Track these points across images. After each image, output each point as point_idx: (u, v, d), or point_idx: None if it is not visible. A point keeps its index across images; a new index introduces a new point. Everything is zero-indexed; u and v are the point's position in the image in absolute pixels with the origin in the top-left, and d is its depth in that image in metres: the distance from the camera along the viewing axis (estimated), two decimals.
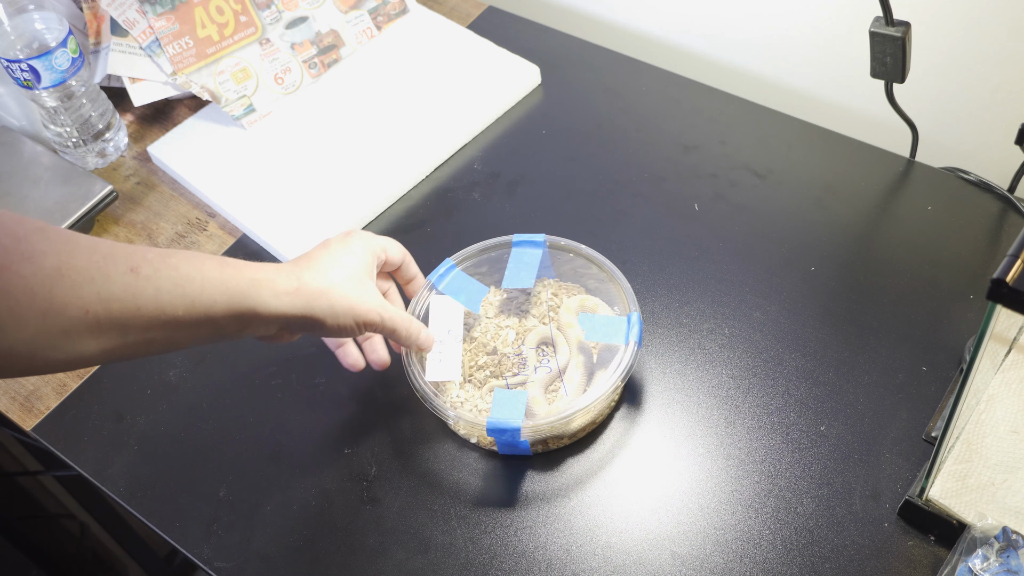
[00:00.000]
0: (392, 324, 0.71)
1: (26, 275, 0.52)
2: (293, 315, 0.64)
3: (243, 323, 0.63)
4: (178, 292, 0.59)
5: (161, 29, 0.99)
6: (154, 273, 0.58)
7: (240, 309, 0.62)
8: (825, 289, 0.85)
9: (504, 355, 0.79)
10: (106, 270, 0.56)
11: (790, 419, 0.77)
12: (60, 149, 1.01)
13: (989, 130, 0.97)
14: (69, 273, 0.54)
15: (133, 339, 0.58)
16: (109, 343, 0.56)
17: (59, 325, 0.54)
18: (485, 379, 0.78)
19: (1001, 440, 0.71)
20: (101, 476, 0.79)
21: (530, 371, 0.78)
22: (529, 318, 0.82)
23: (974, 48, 0.93)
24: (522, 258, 0.81)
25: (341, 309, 0.67)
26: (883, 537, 0.70)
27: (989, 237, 0.87)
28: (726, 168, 0.96)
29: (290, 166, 0.99)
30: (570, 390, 0.76)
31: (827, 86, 1.06)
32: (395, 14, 1.12)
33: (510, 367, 0.79)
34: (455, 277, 0.81)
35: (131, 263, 0.57)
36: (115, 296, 0.56)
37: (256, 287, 0.63)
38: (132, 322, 0.57)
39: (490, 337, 0.81)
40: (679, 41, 1.15)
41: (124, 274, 0.57)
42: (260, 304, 0.63)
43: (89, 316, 0.55)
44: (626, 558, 0.70)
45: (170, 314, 0.58)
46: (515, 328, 0.81)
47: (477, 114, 1.02)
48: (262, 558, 0.73)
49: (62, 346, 0.54)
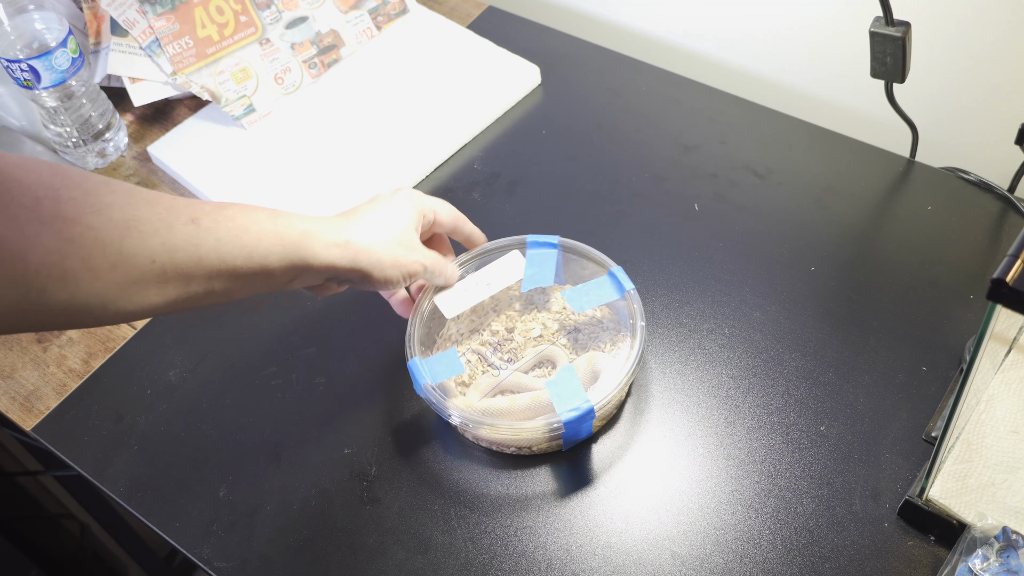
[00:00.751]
0: (434, 270, 0.74)
1: (96, 227, 0.54)
2: (342, 267, 0.67)
3: (295, 273, 0.65)
4: (237, 243, 0.61)
5: (161, 29, 0.99)
6: (213, 224, 0.60)
7: (293, 260, 0.64)
8: (825, 289, 0.85)
9: (508, 340, 0.80)
10: (169, 221, 0.58)
11: (790, 419, 0.77)
12: (60, 149, 1.01)
13: (989, 130, 0.97)
14: (136, 224, 0.56)
15: (195, 289, 0.60)
16: (174, 293, 0.58)
17: (128, 276, 0.56)
18: (467, 341, 0.79)
19: (1001, 440, 0.71)
20: (101, 476, 0.79)
21: (522, 365, 0.78)
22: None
23: (974, 48, 0.93)
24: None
25: (388, 262, 0.69)
26: (883, 537, 0.70)
27: (989, 237, 0.87)
28: (726, 168, 0.96)
29: (290, 166, 0.99)
30: None
31: (827, 86, 1.06)
32: (395, 14, 1.12)
33: (505, 353, 0.79)
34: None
35: (191, 214, 0.59)
36: (179, 247, 0.58)
37: (308, 239, 0.65)
38: (195, 272, 0.59)
39: (513, 323, 0.82)
40: (679, 41, 1.15)
41: (186, 224, 0.59)
42: (311, 255, 0.65)
43: (156, 266, 0.57)
44: (626, 558, 0.70)
45: (230, 264, 0.61)
46: (538, 323, 0.82)
47: (477, 114, 1.02)
48: (262, 558, 0.73)
49: (131, 296, 0.56)
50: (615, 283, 0.78)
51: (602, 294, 0.78)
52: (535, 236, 0.81)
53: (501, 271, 0.80)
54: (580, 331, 0.81)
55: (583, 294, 0.78)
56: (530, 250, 0.81)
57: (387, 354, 0.83)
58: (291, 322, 0.87)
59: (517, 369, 0.78)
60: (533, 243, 0.81)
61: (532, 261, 0.80)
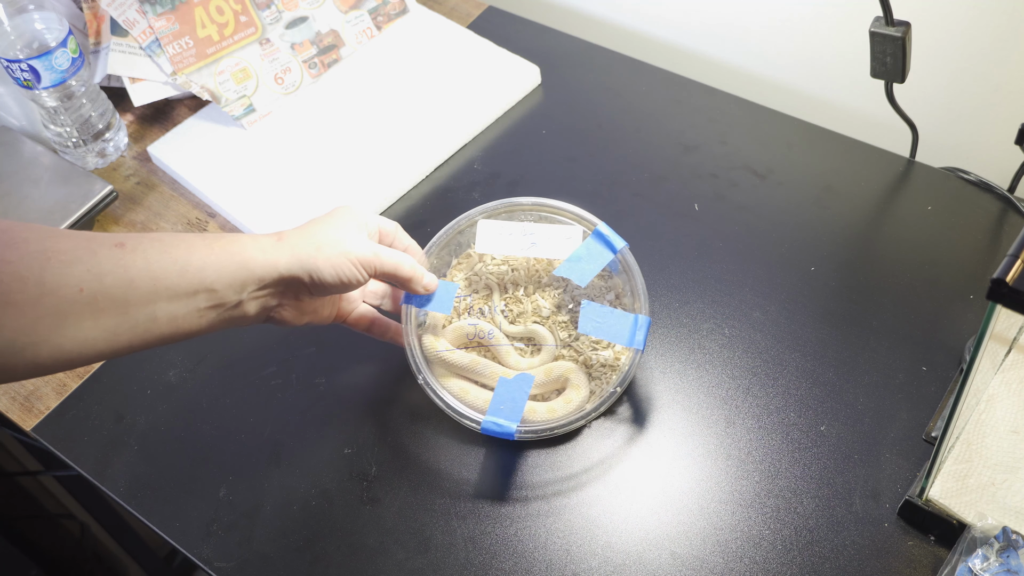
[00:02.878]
0: (393, 260, 0.70)
1: (12, 260, 0.53)
2: (284, 267, 0.64)
3: (239, 285, 0.62)
4: (167, 258, 0.59)
5: (161, 29, 0.99)
6: (139, 245, 0.58)
7: (231, 268, 0.61)
8: (825, 289, 0.85)
9: (519, 303, 0.80)
10: (92, 248, 0.56)
11: (790, 419, 0.77)
12: (60, 149, 1.01)
13: (989, 130, 0.97)
14: (56, 255, 0.54)
15: (136, 316, 0.58)
16: (112, 323, 0.56)
17: (57, 308, 0.54)
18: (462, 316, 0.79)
19: (1001, 440, 0.71)
20: (101, 476, 0.79)
21: (511, 331, 0.78)
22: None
23: (974, 48, 0.93)
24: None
25: (332, 252, 0.65)
26: (883, 537, 0.70)
27: (989, 237, 0.87)
28: (726, 168, 0.96)
29: (290, 166, 0.99)
30: None
31: (827, 86, 1.06)
32: (395, 14, 1.12)
33: (488, 332, 0.79)
34: None
35: (116, 240, 0.58)
36: (106, 270, 0.56)
37: (238, 242, 0.63)
38: (130, 296, 0.57)
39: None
40: (679, 41, 1.15)
41: (110, 249, 0.57)
42: (249, 259, 0.62)
43: (85, 295, 0.55)
44: (626, 558, 0.70)
45: (164, 282, 0.58)
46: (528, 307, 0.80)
47: (477, 114, 1.02)
48: (262, 558, 0.73)
49: (65, 331, 0.54)
50: (633, 330, 0.75)
51: (617, 332, 0.74)
52: (607, 228, 0.77)
53: (553, 239, 0.76)
54: None
55: (600, 317, 0.74)
56: (591, 239, 0.77)
57: (387, 354, 0.83)
58: None
59: (502, 338, 0.78)
60: (598, 233, 0.77)
61: (586, 248, 0.76)
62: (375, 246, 0.69)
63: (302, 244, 0.65)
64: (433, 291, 0.74)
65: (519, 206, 0.79)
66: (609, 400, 0.74)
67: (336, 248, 0.66)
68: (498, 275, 0.81)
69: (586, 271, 0.75)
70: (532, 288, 0.81)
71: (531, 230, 0.77)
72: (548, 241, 0.77)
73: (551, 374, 0.76)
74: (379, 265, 0.69)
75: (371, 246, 0.68)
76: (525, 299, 0.80)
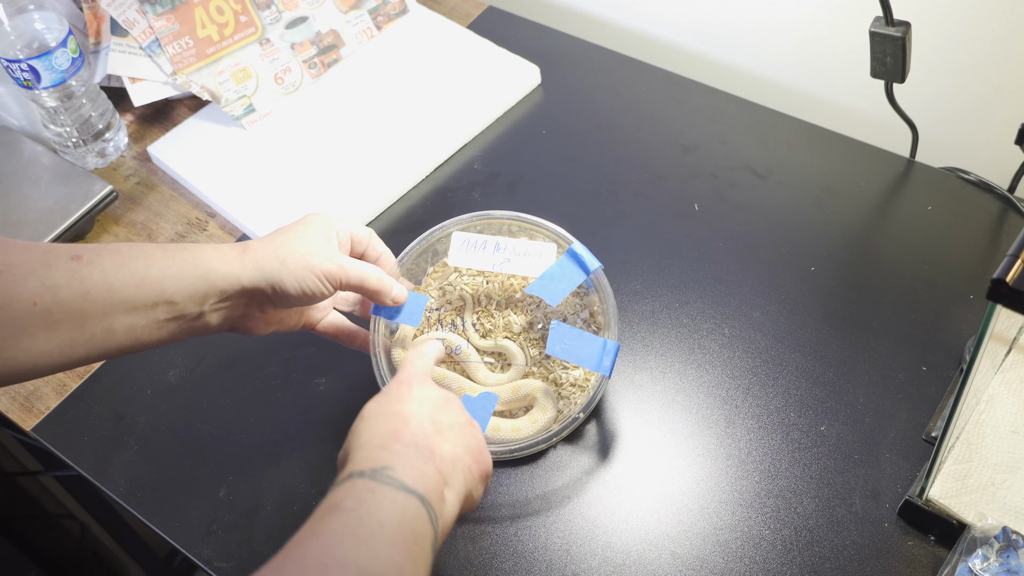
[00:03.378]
0: (359, 272, 0.67)
1: None
2: (247, 278, 0.63)
3: (200, 298, 0.61)
4: (124, 271, 0.58)
5: (161, 29, 0.99)
6: (97, 257, 0.57)
7: (191, 280, 0.60)
8: (825, 289, 0.85)
9: (491, 318, 0.79)
10: (47, 261, 0.56)
11: (790, 419, 0.77)
12: (60, 149, 1.01)
13: (989, 130, 0.97)
14: (8, 269, 0.54)
15: (92, 329, 0.57)
16: (67, 335, 0.56)
17: (9, 320, 0.53)
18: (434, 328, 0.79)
19: (1001, 440, 0.71)
20: (101, 476, 0.79)
21: (482, 345, 0.78)
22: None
23: (974, 48, 0.93)
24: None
25: (296, 266, 0.64)
26: (883, 537, 0.70)
27: (989, 237, 0.87)
28: (726, 168, 0.96)
29: (290, 166, 0.99)
30: None
31: (827, 86, 1.06)
32: (395, 14, 1.12)
33: (480, 330, 0.79)
34: None
35: (73, 252, 0.57)
36: (61, 283, 0.55)
37: (201, 254, 0.62)
38: (85, 308, 0.56)
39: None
40: (679, 41, 1.15)
41: (66, 262, 0.56)
42: (211, 270, 0.61)
43: (39, 308, 0.54)
44: (626, 558, 0.70)
45: (121, 294, 0.57)
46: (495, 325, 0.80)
47: (477, 114, 1.02)
48: (262, 558, 0.73)
49: (19, 344, 0.54)
50: (576, 262, 0.74)
51: (585, 357, 0.72)
52: (581, 247, 0.75)
53: (527, 255, 0.75)
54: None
55: (568, 338, 0.72)
56: (564, 257, 0.75)
57: None
58: None
59: (472, 353, 0.77)
60: (572, 252, 0.75)
61: (559, 267, 0.75)
62: (341, 258, 0.67)
63: (266, 256, 0.64)
64: (402, 303, 0.73)
65: (494, 218, 0.78)
66: (572, 425, 0.73)
67: (301, 261, 0.64)
68: (472, 287, 0.80)
69: (558, 291, 0.74)
70: (505, 302, 0.80)
71: (505, 245, 0.76)
72: (522, 257, 0.75)
73: (519, 392, 0.75)
74: (344, 278, 0.67)
75: (337, 258, 0.67)
76: (497, 314, 0.79)
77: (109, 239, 0.96)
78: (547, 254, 0.75)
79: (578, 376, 0.77)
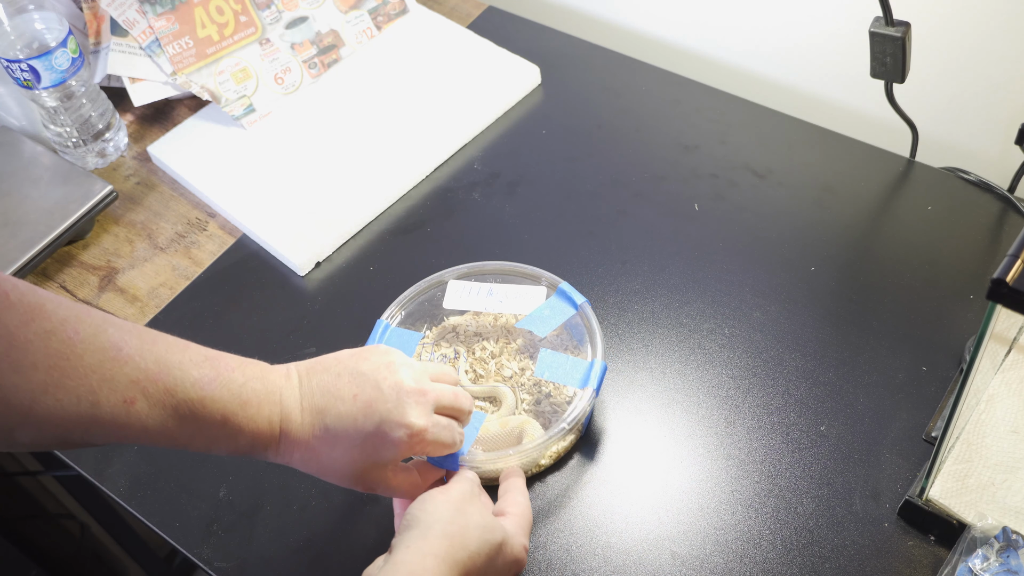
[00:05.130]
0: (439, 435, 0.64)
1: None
2: None
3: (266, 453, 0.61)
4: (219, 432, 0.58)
5: (161, 29, 0.99)
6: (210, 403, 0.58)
7: (260, 447, 0.61)
8: (825, 289, 0.85)
9: (485, 362, 0.80)
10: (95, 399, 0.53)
11: (790, 419, 0.77)
12: (60, 149, 1.01)
13: (989, 130, 0.97)
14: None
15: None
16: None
17: None
18: None
19: (1001, 440, 0.71)
20: (101, 476, 0.79)
21: (473, 391, 0.78)
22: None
23: (974, 48, 0.93)
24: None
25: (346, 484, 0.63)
26: (883, 537, 0.70)
27: (989, 237, 0.87)
28: (726, 168, 0.96)
29: (290, 166, 0.99)
30: None
31: (827, 86, 1.06)
32: (395, 14, 1.12)
33: (472, 372, 0.80)
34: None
35: (126, 395, 0.54)
36: None
37: (265, 448, 0.61)
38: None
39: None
40: (679, 41, 1.15)
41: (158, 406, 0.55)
42: (266, 456, 0.61)
43: None
44: (626, 558, 0.70)
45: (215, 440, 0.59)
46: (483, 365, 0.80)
47: (477, 114, 1.02)
48: (262, 558, 0.73)
49: None
50: (566, 300, 0.78)
51: (571, 377, 0.74)
52: (568, 286, 0.79)
53: (518, 298, 0.80)
54: (548, 398, 0.78)
55: (556, 364, 0.75)
56: (554, 296, 0.80)
57: None
58: (291, 322, 0.87)
59: (466, 389, 0.77)
60: (560, 291, 0.79)
61: (548, 306, 0.79)
62: (394, 485, 0.65)
63: (316, 469, 0.62)
64: None
65: (486, 269, 0.82)
66: (558, 435, 0.71)
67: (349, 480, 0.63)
68: (466, 336, 0.81)
69: (547, 324, 0.78)
70: (501, 342, 0.81)
71: (498, 290, 0.80)
72: (514, 299, 0.80)
73: (507, 426, 0.74)
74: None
75: (387, 485, 0.65)
76: (490, 360, 0.80)
77: (109, 239, 0.96)
78: (537, 295, 0.80)
79: (561, 401, 0.77)
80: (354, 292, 0.87)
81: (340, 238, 0.93)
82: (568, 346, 0.81)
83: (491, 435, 0.74)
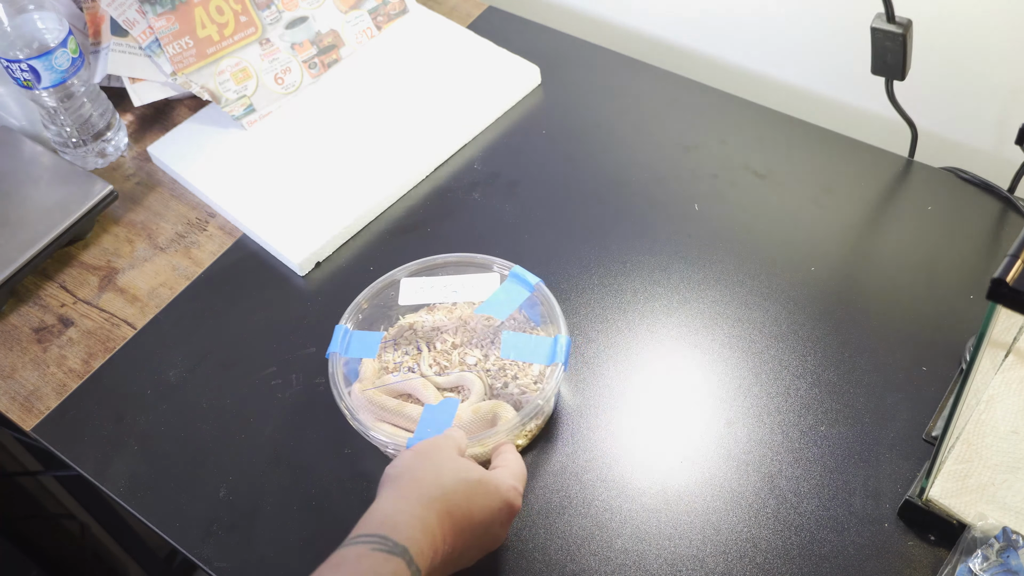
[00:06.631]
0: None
1: None
2: None
3: None
4: None
5: (161, 29, 0.99)
6: None
7: None
8: (825, 289, 0.85)
9: (448, 354, 0.80)
10: None
11: (790, 419, 0.77)
12: (60, 149, 1.01)
13: (989, 130, 0.97)
14: None
15: None
16: None
17: None
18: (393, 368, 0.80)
19: (1001, 440, 0.71)
20: (101, 476, 0.79)
21: (440, 382, 0.79)
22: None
23: (974, 47, 0.93)
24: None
25: None
26: (883, 537, 0.70)
27: (989, 237, 0.87)
28: (726, 168, 0.96)
29: (290, 166, 0.99)
30: None
31: (827, 85, 1.06)
32: (395, 14, 1.12)
33: (435, 364, 0.80)
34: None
35: None
36: None
37: None
38: None
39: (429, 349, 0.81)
40: (679, 41, 1.15)
41: None
42: None
43: None
44: (626, 558, 0.70)
45: None
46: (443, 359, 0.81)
47: (477, 114, 1.02)
48: (262, 558, 0.73)
49: None
50: (521, 282, 0.79)
51: (537, 354, 0.76)
52: (520, 269, 0.80)
53: (473, 287, 0.80)
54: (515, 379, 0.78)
55: (520, 344, 0.76)
56: (508, 280, 0.80)
57: None
58: (291, 322, 0.87)
59: (432, 382, 0.78)
60: (514, 275, 0.80)
61: (504, 290, 0.80)
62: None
63: None
64: None
65: (436, 263, 0.82)
66: (533, 411, 0.72)
67: None
68: (424, 332, 0.82)
69: (505, 307, 0.78)
70: (460, 333, 0.81)
71: (451, 282, 0.81)
72: (468, 289, 0.81)
73: (479, 411, 0.75)
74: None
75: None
76: (452, 351, 0.80)
77: (109, 239, 0.96)
78: (491, 282, 0.81)
79: (527, 381, 0.77)
80: (354, 292, 0.87)
81: (340, 238, 0.93)
82: (526, 328, 0.82)
83: (465, 422, 0.74)
